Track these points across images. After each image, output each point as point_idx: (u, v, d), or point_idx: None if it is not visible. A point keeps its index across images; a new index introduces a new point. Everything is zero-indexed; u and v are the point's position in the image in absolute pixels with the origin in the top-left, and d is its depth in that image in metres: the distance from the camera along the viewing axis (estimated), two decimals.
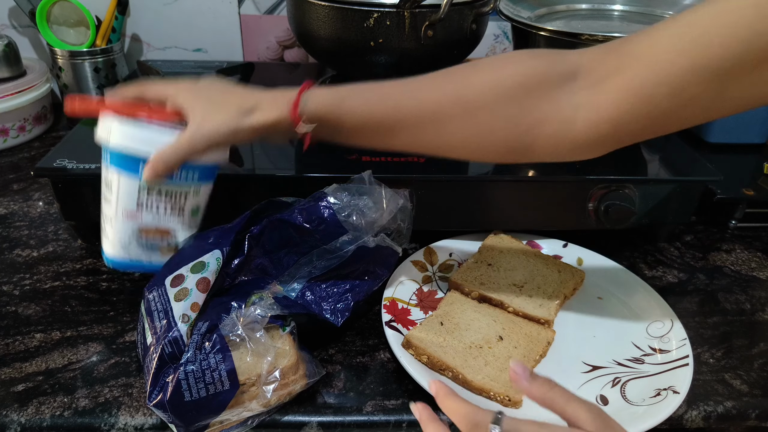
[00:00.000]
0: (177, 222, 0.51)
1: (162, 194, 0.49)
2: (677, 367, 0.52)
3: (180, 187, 0.50)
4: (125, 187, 0.48)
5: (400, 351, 0.52)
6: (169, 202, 0.50)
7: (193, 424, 0.45)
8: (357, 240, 0.54)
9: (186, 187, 0.50)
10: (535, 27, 0.67)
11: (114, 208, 0.49)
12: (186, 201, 0.51)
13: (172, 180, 0.49)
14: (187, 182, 0.50)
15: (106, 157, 0.49)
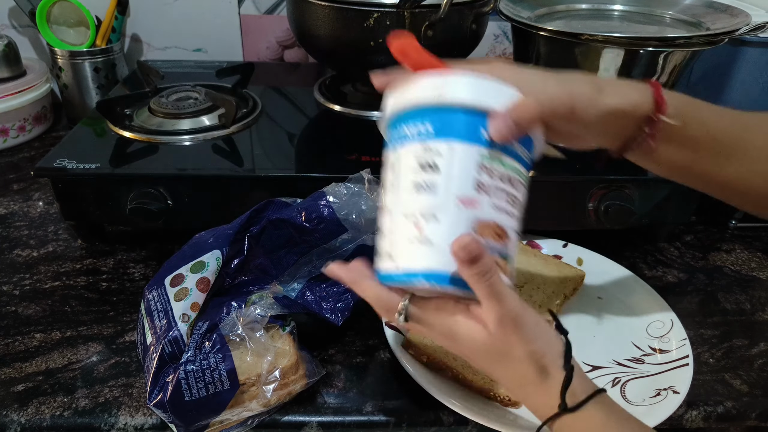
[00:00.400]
0: (513, 219, 0.38)
1: (501, 174, 0.36)
2: (677, 367, 0.52)
3: (518, 168, 0.37)
4: (462, 160, 0.35)
5: (400, 351, 0.52)
6: (508, 186, 0.37)
7: (193, 424, 0.45)
8: (357, 239, 0.54)
9: (522, 170, 0.38)
10: (535, 27, 0.67)
11: (443, 194, 0.35)
12: (519, 192, 0.38)
13: (510, 152, 0.36)
14: (523, 162, 0.38)
15: (430, 125, 0.36)
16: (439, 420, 0.49)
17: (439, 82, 0.36)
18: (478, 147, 0.35)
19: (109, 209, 0.63)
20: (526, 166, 0.38)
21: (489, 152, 0.35)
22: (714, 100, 0.89)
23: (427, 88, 0.36)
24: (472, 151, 0.35)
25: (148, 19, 1.00)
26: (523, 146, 0.37)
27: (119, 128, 0.70)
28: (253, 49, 1.04)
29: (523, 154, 0.37)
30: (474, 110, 0.35)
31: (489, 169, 0.35)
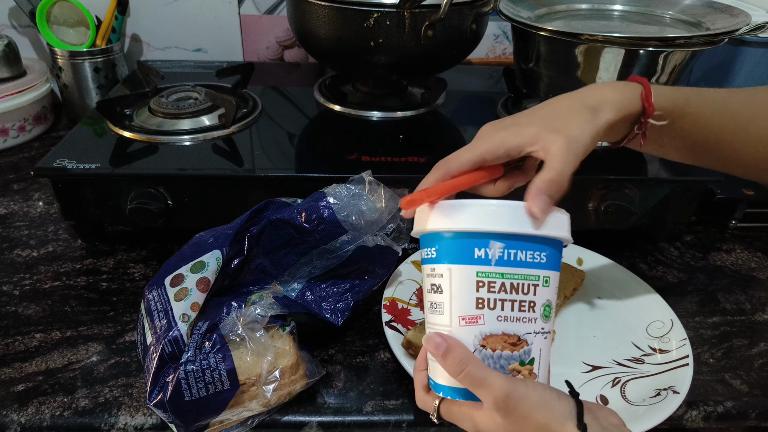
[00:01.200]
0: (528, 325, 0.37)
1: (506, 286, 0.37)
2: (677, 367, 0.52)
3: (526, 273, 0.37)
4: (459, 280, 0.37)
5: (399, 351, 0.52)
6: (516, 294, 0.37)
7: (193, 424, 0.45)
8: (356, 240, 0.54)
9: (533, 273, 0.37)
10: (535, 27, 0.67)
11: (447, 314, 0.38)
12: (536, 294, 0.37)
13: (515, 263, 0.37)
14: (534, 266, 0.37)
15: (433, 250, 0.38)
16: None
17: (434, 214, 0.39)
18: (474, 266, 0.37)
19: (109, 209, 0.63)
20: (540, 266, 0.38)
21: (486, 269, 0.37)
22: None
23: (422, 220, 0.40)
24: (468, 271, 0.37)
25: (148, 19, 1.00)
26: (534, 250, 0.37)
27: (119, 128, 0.70)
28: (253, 49, 1.04)
29: (535, 258, 0.37)
30: (466, 233, 0.37)
31: (488, 284, 0.37)
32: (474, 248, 0.37)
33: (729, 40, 0.66)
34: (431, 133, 0.74)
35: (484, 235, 0.36)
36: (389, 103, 0.81)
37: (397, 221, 0.57)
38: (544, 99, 0.73)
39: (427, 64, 0.76)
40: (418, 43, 0.70)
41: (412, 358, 0.52)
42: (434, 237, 0.39)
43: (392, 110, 0.78)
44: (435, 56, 0.74)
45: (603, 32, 0.63)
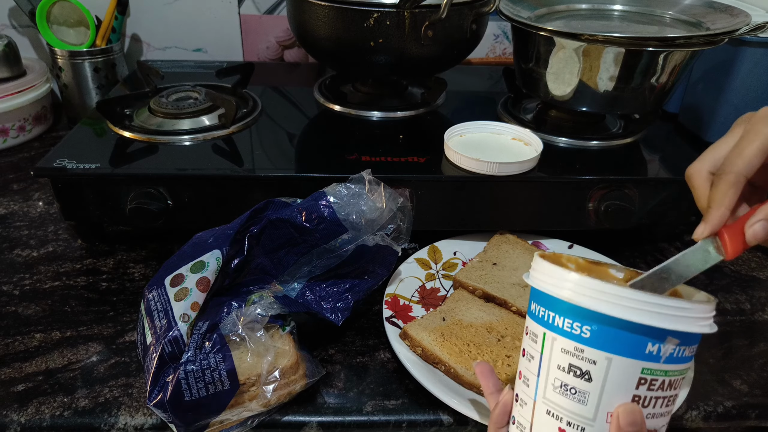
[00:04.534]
0: (666, 418, 0.35)
1: (665, 384, 0.33)
2: None
3: (683, 369, 0.34)
4: (619, 374, 0.32)
5: (398, 346, 0.52)
6: (669, 391, 0.33)
7: (193, 424, 0.45)
8: (356, 239, 0.54)
9: (686, 368, 0.34)
10: (535, 27, 0.67)
11: (593, 406, 0.33)
12: (679, 387, 0.34)
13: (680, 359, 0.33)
14: (688, 359, 0.34)
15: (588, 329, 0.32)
16: (439, 420, 0.49)
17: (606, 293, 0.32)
18: (641, 362, 0.32)
19: (109, 209, 0.63)
20: (691, 359, 0.34)
21: (653, 367, 0.32)
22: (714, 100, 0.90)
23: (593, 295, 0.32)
24: (632, 366, 0.32)
25: (148, 19, 1.00)
26: (695, 344, 0.34)
27: (119, 128, 0.70)
28: (253, 49, 1.04)
29: (693, 351, 0.34)
30: (641, 326, 0.31)
31: (650, 381, 0.32)
32: (648, 343, 0.31)
33: (729, 40, 0.66)
34: (431, 133, 0.74)
35: (662, 330, 0.31)
36: (389, 103, 0.81)
37: (397, 221, 0.57)
38: (544, 99, 0.74)
39: (427, 64, 0.76)
40: (418, 43, 0.70)
41: (409, 352, 0.52)
42: (590, 314, 0.32)
43: (392, 110, 0.78)
44: (435, 56, 0.74)
45: (603, 32, 0.63)
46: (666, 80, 0.67)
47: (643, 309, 0.31)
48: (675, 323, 0.31)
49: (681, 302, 0.31)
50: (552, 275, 0.34)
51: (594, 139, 0.72)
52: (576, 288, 0.32)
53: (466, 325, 0.55)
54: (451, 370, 0.50)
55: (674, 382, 0.33)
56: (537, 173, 0.65)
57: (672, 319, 0.31)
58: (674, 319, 0.31)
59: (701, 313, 0.32)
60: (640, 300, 0.31)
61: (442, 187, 0.64)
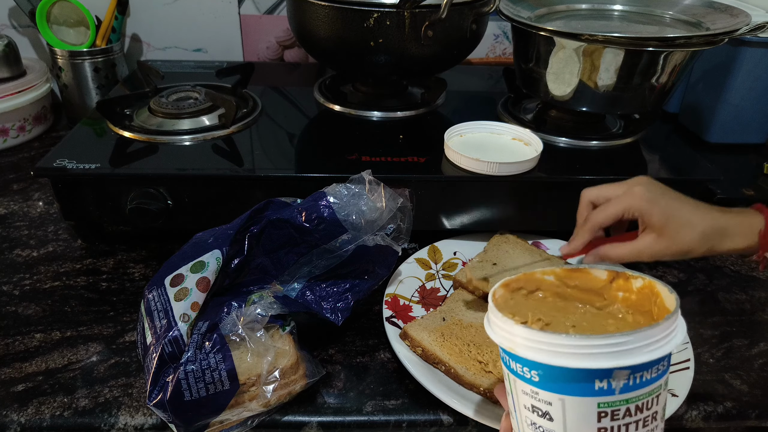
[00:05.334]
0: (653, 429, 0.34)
1: (632, 410, 0.32)
2: (678, 370, 0.52)
3: (651, 390, 0.33)
4: (576, 412, 0.32)
5: (398, 346, 0.52)
6: (641, 414, 0.33)
7: (193, 424, 0.45)
8: (356, 239, 0.54)
9: (657, 386, 0.33)
10: (535, 27, 0.67)
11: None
12: (658, 402, 0.34)
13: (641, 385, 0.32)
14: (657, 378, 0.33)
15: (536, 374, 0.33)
16: (438, 420, 0.49)
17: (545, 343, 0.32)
18: (595, 398, 0.32)
19: (109, 209, 0.63)
20: (662, 375, 0.33)
21: (609, 400, 0.32)
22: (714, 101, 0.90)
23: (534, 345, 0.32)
24: (586, 403, 0.32)
25: (148, 19, 1.00)
26: (658, 364, 0.33)
27: (119, 128, 0.70)
28: (253, 49, 1.04)
29: (659, 369, 0.33)
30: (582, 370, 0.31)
31: (611, 413, 0.32)
32: (595, 380, 0.31)
33: (729, 40, 0.66)
34: (431, 133, 0.74)
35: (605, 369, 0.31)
36: (389, 103, 0.81)
37: (397, 221, 0.57)
38: (544, 99, 0.74)
39: (427, 64, 0.76)
40: (418, 43, 0.70)
41: (410, 353, 0.52)
42: (533, 363, 0.32)
43: (392, 110, 0.78)
44: (435, 56, 0.74)
45: (603, 32, 0.63)
46: (666, 80, 0.67)
47: (581, 353, 0.30)
48: (617, 359, 0.30)
49: (619, 337, 0.30)
50: (500, 325, 0.34)
51: (594, 139, 0.72)
52: (518, 340, 0.33)
53: (466, 325, 0.55)
54: (451, 370, 0.50)
55: (644, 404, 0.33)
56: (537, 173, 0.65)
57: (613, 356, 0.30)
58: (615, 355, 0.30)
59: (647, 339, 0.31)
60: (577, 345, 0.30)
61: (442, 187, 0.64)
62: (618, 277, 0.38)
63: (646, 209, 0.50)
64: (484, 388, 0.48)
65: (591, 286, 0.39)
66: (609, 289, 0.39)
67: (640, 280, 0.37)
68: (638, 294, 0.37)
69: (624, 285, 0.38)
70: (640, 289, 0.37)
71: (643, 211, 0.50)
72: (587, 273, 0.39)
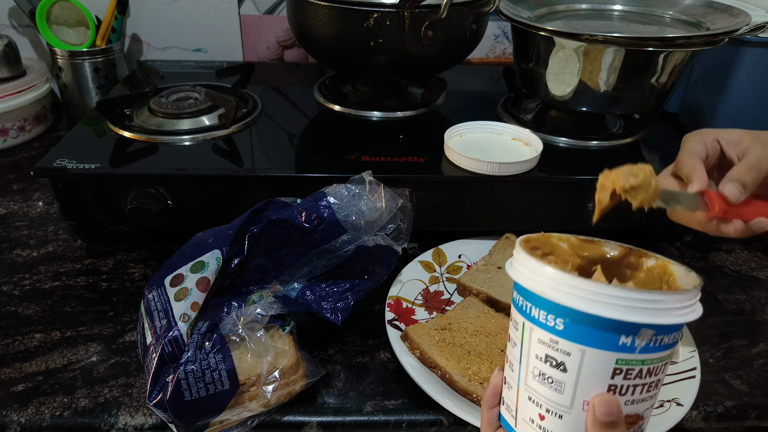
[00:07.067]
0: (649, 402, 0.35)
1: (643, 372, 0.33)
2: (683, 379, 0.51)
3: (664, 356, 0.33)
4: (593, 366, 0.32)
5: (400, 349, 0.52)
6: (648, 377, 0.34)
7: (193, 424, 0.45)
8: (356, 240, 0.54)
9: (668, 354, 0.34)
10: (535, 27, 0.67)
11: (569, 395, 0.33)
12: (663, 372, 0.34)
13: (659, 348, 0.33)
14: (671, 346, 0.34)
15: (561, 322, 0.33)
16: (438, 420, 0.49)
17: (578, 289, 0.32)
18: (615, 353, 0.32)
19: (109, 209, 0.63)
20: (675, 344, 0.34)
21: (628, 357, 0.32)
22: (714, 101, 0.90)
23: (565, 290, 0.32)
24: (606, 357, 0.32)
25: (148, 19, 1.00)
26: (677, 330, 0.33)
27: (119, 128, 0.70)
28: (253, 49, 1.04)
29: (675, 338, 0.33)
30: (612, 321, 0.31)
31: (626, 371, 0.32)
32: (621, 335, 0.31)
33: (729, 40, 0.66)
34: (431, 133, 0.74)
35: (634, 324, 0.31)
36: (389, 103, 0.81)
37: (397, 221, 0.57)
38: (544, 99, 0.74)
39: (427, 64, 0.76)
40: (418, 43, 0.70)
41: (411, 356, 0.52)
42: (562, 308, 0.32)
43: (392, 110, 0.78)
44: (435, 56, 0.74)
45: (603, 32, 0.63)
46: (666, 80, 0.67)
47: (614, 303, 0.31)
48: (647, 316, 0.31)
49: (653, 294, 0.31)
50: (528, 267, 0.34)
51: (594, 139, 0.72)
52: (549, 282, 0.33)
53: (472, 333, 0.55)
54: (447, 376, 0.50)
55: (654, 369, 0.33)
56: (537, 173, 0.65)
57: (644, 311, 0.31)
58: (646, 311, 0.31)
59: (677, 303, 0.32)
60: (610, 294, 0.31)
61: (442, 187, 0.64)
62: (630, 253, 0.38)
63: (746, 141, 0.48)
64: (477, 395, 0.48)
65: (601, 259, 0.39)
66: (620, 264, 0.39)
67: (653, 259, 0.37)
68: (647, 273, 0.37)
69: (635, 262, 0.38)
70: (650, 269, 0.37)
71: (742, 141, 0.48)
72: (600, 246, 0.39)
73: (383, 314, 0.57)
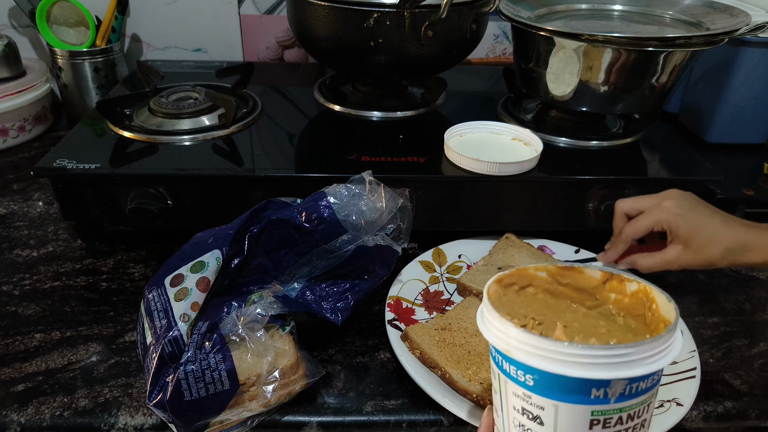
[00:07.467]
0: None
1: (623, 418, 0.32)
2: (683, 379, 0.51)
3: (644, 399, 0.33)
4: (568, 419, 0.32)
5: (400, 349, 0.52)
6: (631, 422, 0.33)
7: (193, 424, 0.45)
8: (356, 240, 0.54)
9: (649, 396, 0.33)
10: (535, 27, 0.67)
11: None
12: (649, 411, 0.34)
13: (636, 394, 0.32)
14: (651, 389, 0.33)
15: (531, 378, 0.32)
16: (438, 420, 0.49)
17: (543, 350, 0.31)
18: (589, 406, 0.31)
19: (109, 209, 0.63)
20: (655, 385, 0.33)
21: (603, 408, 0.31)
22: (714, 101, 0.90)
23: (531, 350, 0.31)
24: (580, 411, 0.32)
25: (148, 19, 1.00)
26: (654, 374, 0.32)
27: (119, 128, 0.70)
28: (253, 49, 1.04)
29: (654, 379, 0.33)
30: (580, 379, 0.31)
31: (603, 420, 0.32)
32: (592, 389, 0.31)
33: (729, 40, 0.66)
34: (431, 133, 0.74)
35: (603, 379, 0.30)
36: (389, 103, 0.81)
37: (397, 221, 0.57)
38: (544, 99, 0.74)
39: (427, 64, 0.76)
40: (418, 43, 0.70)
41: (411, 356, 0.52)
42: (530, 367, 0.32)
43: (392, 110, 0.78)
44: (435, 56, 0.74)
45: (603, 32, 0.63)
46: (666, 80, 0.67)
47: (579, 362, 0.30)
48: (615, 371, 0.30)
49: (619, 349, 0.30)
50: (494, 324, 0.33)
51: (594, 139, 0.72)
52: (514, 343, 0.32)
53: (472, 333, 0.54)
54: (447, 375, 0.50)
55: (636, 412, 0.32)
56: (537, 173, 0.65)
57: (611, 366, 0.30)
58: (614, 366, 0.30)
59: (647, 351, 0.30)
60: (575, 354, 0.30)
61: (442, 187, 0.64)
62: (612, 278, 0.38)
63: (674, 223, 0.53)
64: (477, 395, 0.48)
65: (583, 285, 0.39)
66: (602, 289, 0.38)
67: (635, 284, 0.37)
68: (631, 297, 0.37)
69: (617, 287, 0.38)
70: (634, 293, 0.37)
71: (671, 224, 0.53)
72: (581, 272, 0.39)
73: (383, 314, 0.57)
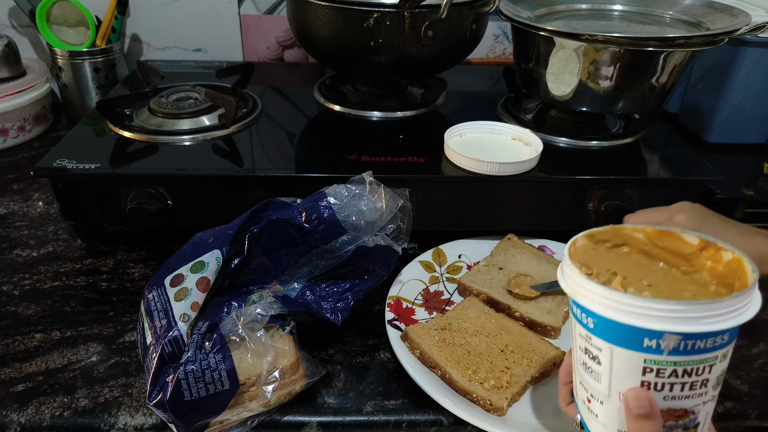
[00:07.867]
0: (697, 399, 0.35)
1: (678, 372, 0.34)
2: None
3: (704, 358, 0.34)
4: (623, 363, 0.34)
5: (400, 349, 0.52)
6: (688, 377, 0.34)
7: (193, 424, 0.45)
8: (356, 240, 0.54)
9: (711, 356, 0.34)
10: (535, 27, 0.67)
11: (605, 384, 0.35)
12: (711, 372, 0.34)
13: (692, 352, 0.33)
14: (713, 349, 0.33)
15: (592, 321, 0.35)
16: (439, 420, 0.50)
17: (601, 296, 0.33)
18: (642, 354, 0.33)
19: (109, 209, 0.63)
20: (721, 347, 0.34)
21: (656, 358, 0.33)
22: (714, 101, 0.90)
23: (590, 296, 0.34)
24: (634, 357, 0.33)
25: (148, 19, 1.00)
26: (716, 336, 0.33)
27: (119, 128, 0.70)
28: (253, 49, 1.04)
29: (716, 342, 0.33)
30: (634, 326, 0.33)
31: (657, 370, 0.33)
32: (644, 338, 0.33)
33: (729, 40, 0.66)
34: (431, 133, 0.74)
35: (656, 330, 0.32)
36: (389, 103, 0.81)
37: (397, 221, 0.57)
38: (544, 99, 0.74)
39: (427, 64, 0.76)
40: (418, 43, 0.70)
41: (411, 356, 0.52)
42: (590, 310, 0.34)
43: (392, 110, 0.78)
44: (435, 56, 0.74)
45: (603, 32, 0.63)
46: (666, 80, 0.67)
47: (631, 311, 0.32)
48: (667, 324, 0.31)
49: (672, 304, 0.31)
50: (569, 273, 0.36)
51: (594, 139, 0.72)
52: (575, 287, 0.35)
53: (471, 333, 0.55)
54: (447, 375, 0.50)
55: (694, 369, 0.33)
56: (537, 173, 0.65)
57: (662, 320, 0.31)
58: (665, 320, 0.31)
59: (702, 312, 0.31)
60: (629, 303, 0.32)
61: (442, 187, 0.64)
62: (709, 246, 0.39)
63: None
64: (477, 395, 0.48)
65: (680, 250, 0.39)
66: (698, 256, 0.39)
67: (730, 253, 0.37)
68: (726, 266, 0.37)
69: (714, 255, 0.38)
70: (728, 262, 0.37)
71: None
72: (678, 237, 0.40)
73: (383, 314, 0.57)
